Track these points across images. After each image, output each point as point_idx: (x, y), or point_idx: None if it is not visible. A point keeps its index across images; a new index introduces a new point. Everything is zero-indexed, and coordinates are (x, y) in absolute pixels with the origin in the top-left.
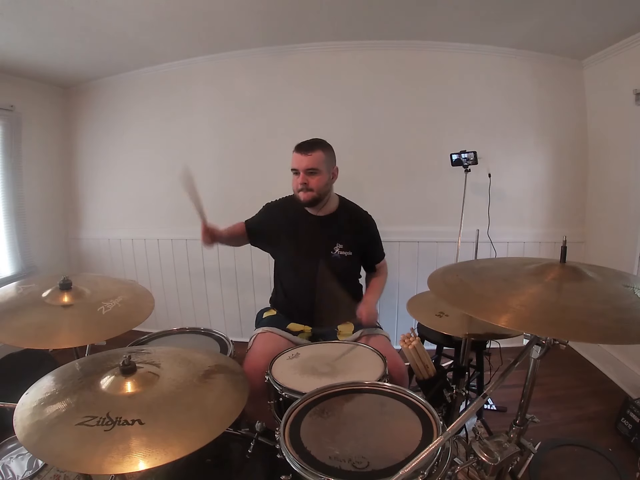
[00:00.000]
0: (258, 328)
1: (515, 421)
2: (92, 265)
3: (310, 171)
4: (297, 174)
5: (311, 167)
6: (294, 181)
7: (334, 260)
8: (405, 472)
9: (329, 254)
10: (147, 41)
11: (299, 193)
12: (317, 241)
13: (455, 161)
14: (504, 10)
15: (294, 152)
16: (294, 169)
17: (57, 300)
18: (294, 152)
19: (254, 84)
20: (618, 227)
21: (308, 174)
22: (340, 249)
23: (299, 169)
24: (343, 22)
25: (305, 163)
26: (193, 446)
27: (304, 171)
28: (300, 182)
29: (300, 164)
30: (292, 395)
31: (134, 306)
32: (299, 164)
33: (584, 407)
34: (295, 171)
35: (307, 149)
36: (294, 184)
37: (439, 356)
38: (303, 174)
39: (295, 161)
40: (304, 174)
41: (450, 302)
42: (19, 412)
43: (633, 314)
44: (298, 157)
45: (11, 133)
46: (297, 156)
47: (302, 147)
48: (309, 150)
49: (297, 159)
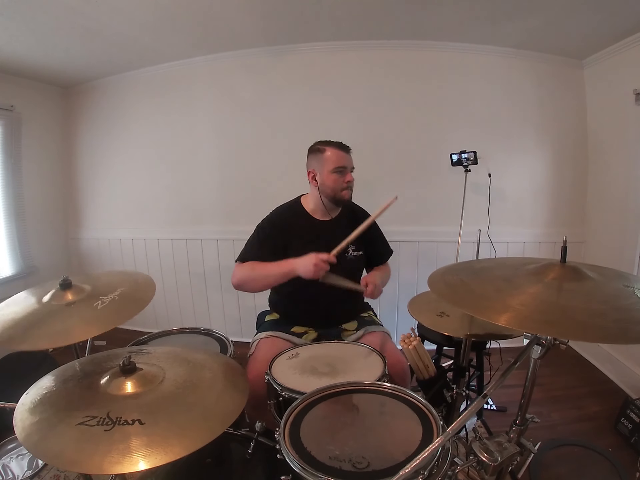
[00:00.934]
0: (260, 332)
1: (515, 421)
2: (92, 265)
3: (352, 169)
4: (342, 173)
5: (353, 167)
6: (335, 180)
7: (349, 261)
8: (405, 472)
9: (344, 255)
10: (147, 41)
11: (343, 192)
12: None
13: (455, 161)
14: (504, 10)
15: (337, 150)
16: (342, 166)
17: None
18: (337, 150)
19: (254, 84)
20: (618, 227)
21: (351, 172)
22: (353, 249)
23: (347, 167)
24: (343, 22)
25: (351, 162)
26: (193, 446)
27: (351, 169)
28: (351, 179)
29: (349, 162)
30: (292, 395)
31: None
32: (348, 162)
33: (584, 407)
34: (342, 169)
35: (348, 148)
36: (337, 183)
37: (439, 356)
38: (350, 172)
39: (341, 159)
40: (350, 172)
41: (451, 302)
42: (19, 412)
43: (633, 314)
44: (344, 156)
45: (11, 133)
46: (342, 155)
47: (344, 146)
48: (349, 149)
49: (344, 158)
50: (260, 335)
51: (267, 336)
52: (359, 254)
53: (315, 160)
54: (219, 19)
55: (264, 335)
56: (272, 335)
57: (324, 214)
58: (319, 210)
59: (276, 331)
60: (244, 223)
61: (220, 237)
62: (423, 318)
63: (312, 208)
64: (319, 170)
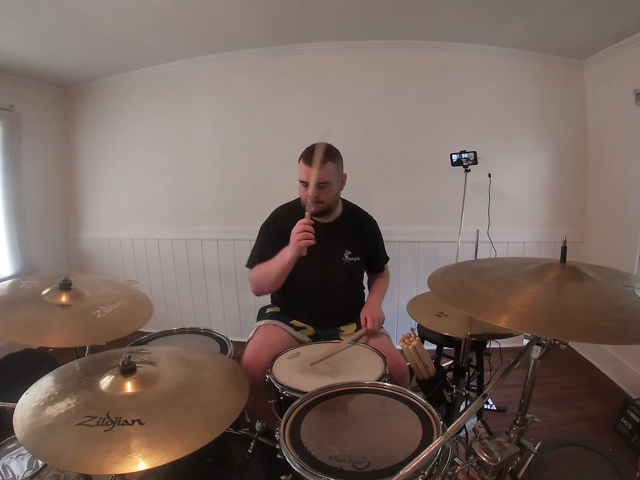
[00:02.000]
0: (260, 320)
1: (515, 421)
2: (92, 265)
3: (321, 185)
4: (305, 186)
5: (323, 181)
6: (301, 192)
7: (344, 266)
8: (405, 472)
9: (340, 260)
10: (147, 41)
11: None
12: (328, 249)
13: (455, 161)
14: (504, 10)
15: (303, 164)
16: (302, 181)
17: (56, 299)
18: (303, 164)
19: (254, 84)
20: (618, 227)
21: (318, 187)
22: (350, 255)
23: (309, 181)
24: (343, 22)
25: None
26: (193, 446)
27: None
28: (308, 193)
29: (307, 176)
30: (292, 394)
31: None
32: (306, 176)
33: (584, 407)
34: (304, 183)
35: (311, 161)
36: (302, 195)
37: (439, 356)
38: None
39: (303, 173)
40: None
41: (451, 302)
42: (19, 412)
43: (633, 314)
44: (306, 169)
45: (11, 133)
46: (304, 168)
47: (307, 159)
48: (311, 162)
49: (304, 171)
50: (259, 323)
51: (267, 323)
52: (355, 259)
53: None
54: (219, 19)
55: (263, 323)
56: (271, 323)
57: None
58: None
59: (276, 320)
60: (244, 223)
61: (220, 237)
62: (422, 319)
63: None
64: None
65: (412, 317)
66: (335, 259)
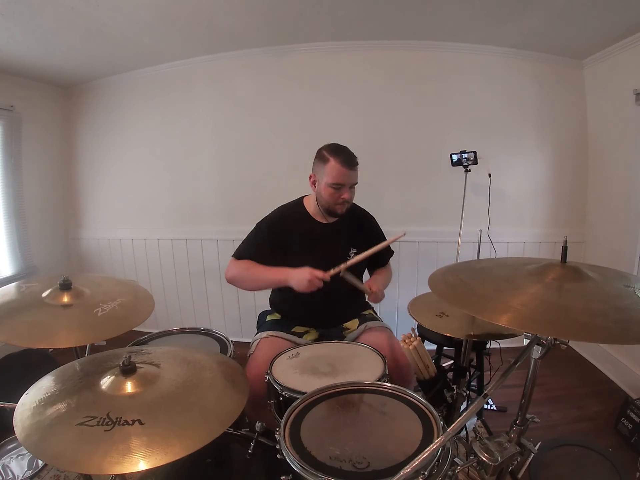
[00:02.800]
0: (261, 332)
1: (515, 421)
2: (92, 265)
3: (353, 185)
4: (339, 189)
5: (356, 182)
6: (331, 195)
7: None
8: (405, 472)
9: (346, 259)
10: (147, 41)
11: (337, 206)
12: (335, 249)
13: (455, 161)
14: (504, 10)
15: (341, 167)
16: (339, 184)
17: (57, 300)
18: (341, 167)
19: (254, 84)
20: (618, 227)
21: (351, 188)
22: (355, 253)
23: (346, 184)
24: (343, 22)
25: (353, 179)
26: (193, 446)
27: (350, 186)
28: (346, 197)
29: (348, 179)
30: (292, 395)
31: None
32: (347, 179)
33: (584, 407)
34: (340, 186)
35: (354, 164)
36: (332, 197)
37: (440, 356)
38: (348, 189)
39: (341, 177)
40: (349, 189)
41: (451, 302)
42: (19, 412)
43: (633, 314)
44: (346, 172)
45: (11, 133)
46: (343, 172)
47: (348, 162)
48: (355, 165)
49: (344, 175)
50: (260, 335)
51: (268, 336)
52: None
53: (318, 166)
54: (219, 19)
55: (265, 335)
56: (273, 335)
57: (324, 217)
58: (319, 213)
59: (277, 331)
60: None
61: (220, 237)
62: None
63: (312, 210)
64: (319, 178)
65: (413, 317)
66: (341, 258)
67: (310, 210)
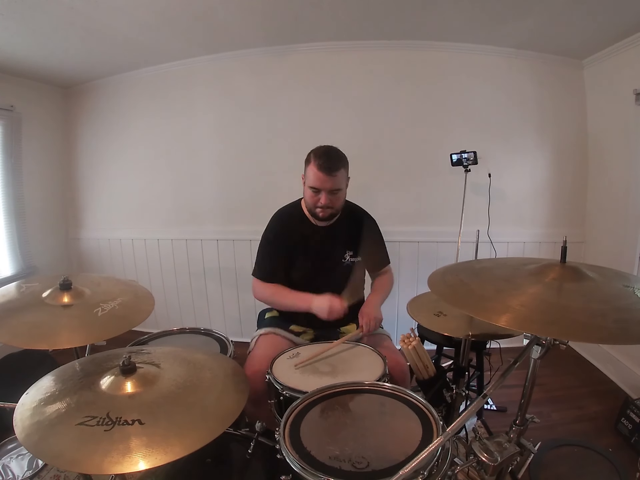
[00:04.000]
0: (260, 329)
1: (515, 421)
2: (93, 265)
3: (334, 192)
4: (317, 193)
5: (336, 188)
6: (311, 197)
7: (345, 267)
8: (405, 472)
9: (341, 262)
10: (147, 41)
11: (317, 210)
12: (330, 252)
13: (455, 161)
14: (504, 10)
15: (317, 171)
16: (315, 188)
17: (57, 300)
18: (317, 171)
19: (254, 84)
20: (618, 227)
21: (331, 194)
22: (351, 255)
23: (322, 189)
24: (343, 22)
25: (330, 185)
26: (193, 446)
27: (327, 192)
28: (323, 202)
29: (324, 184)
30: (292, 394)
31: (132, 309)
32: (323, 184)
33: (584, 407)
34: (316, 191)
35: (332, 170)
36: (311, 200)
37: (439, 356)
38: (325, 195)
39: (317, 180)
40: (326, 194)
41: (451, 302)
42: (19, 412)
43: (633, 314)
44: (321, 177)
45: (11, 133)
46: (320, 176)
47: (326, 167)
48: (333, 171)
49: (320, 179)
50: (259, 332)
51: (266, 332)
52: (356, 260)
53: (305, 167)
54: (219, 19)
55: (263, 332)
56: (271, 332)
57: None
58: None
59: (275, 328)
60: (244, 223)
61: (221, 237)
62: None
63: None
64: (305, 179)
65: (412, 317)
66: (336, 261)
67: (307, 212)
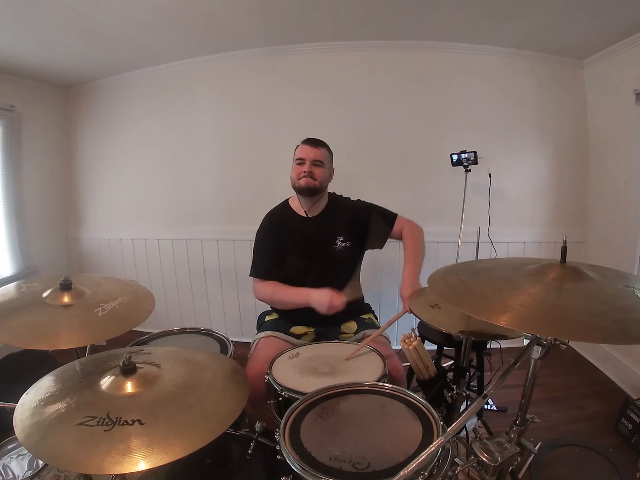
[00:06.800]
0: (261, 332)
1: (515, 421)
2: (93, 265)
3: (317, 163)
4: (302, 164)
5: (318, 159)
6: (295, 170)
7: (337, 253)
8: (405, 472)
9: (333, 248)
10: (147, 41)
11: (301, 180)
12: (321, 242)
13: (455, 161)
14: (504, 10)
15: (302, 145)
16: (301, 158)
17: (57, 300)
18: (302, 145)
19: (254, 84)
20: (618, 227)
21: (314, 165)
22: (342, 241)
23: (306, 159)
24: (343, 22)
25: (314, 154)
26: (193, 446)
27: (311, 161)
28: (306, 169)
29: (308, 154)
30: (291, 395)
31: (132, 309)
32: (307, 154)
33: (584, 407)
34: (301, 161)
35: (316, 144)
36: (295, 172)
37: (440, 356)
38: (309, 163)
39: (303, 152)
40: (310, 163)
41: (451, 302)
42: (19, 412)
43: (633, 314)
44: (306, 148)
45: (11, 133)
46: (305, 147)
47: (311, 141)
48: (317, 145)
49: (305, 150)
50: (260, 335)
51: (267, 336)
52: (347, 244)
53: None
54: (219, 19)
55: (264, 335)
56: (272, 335)
57: (308, 209)
58: (301, 208)
59: (275, 331)
60: (244, 223)
61: (221, 237)
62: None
63: (296, 206)
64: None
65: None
66: (327, 249)
67: (295, 207)
